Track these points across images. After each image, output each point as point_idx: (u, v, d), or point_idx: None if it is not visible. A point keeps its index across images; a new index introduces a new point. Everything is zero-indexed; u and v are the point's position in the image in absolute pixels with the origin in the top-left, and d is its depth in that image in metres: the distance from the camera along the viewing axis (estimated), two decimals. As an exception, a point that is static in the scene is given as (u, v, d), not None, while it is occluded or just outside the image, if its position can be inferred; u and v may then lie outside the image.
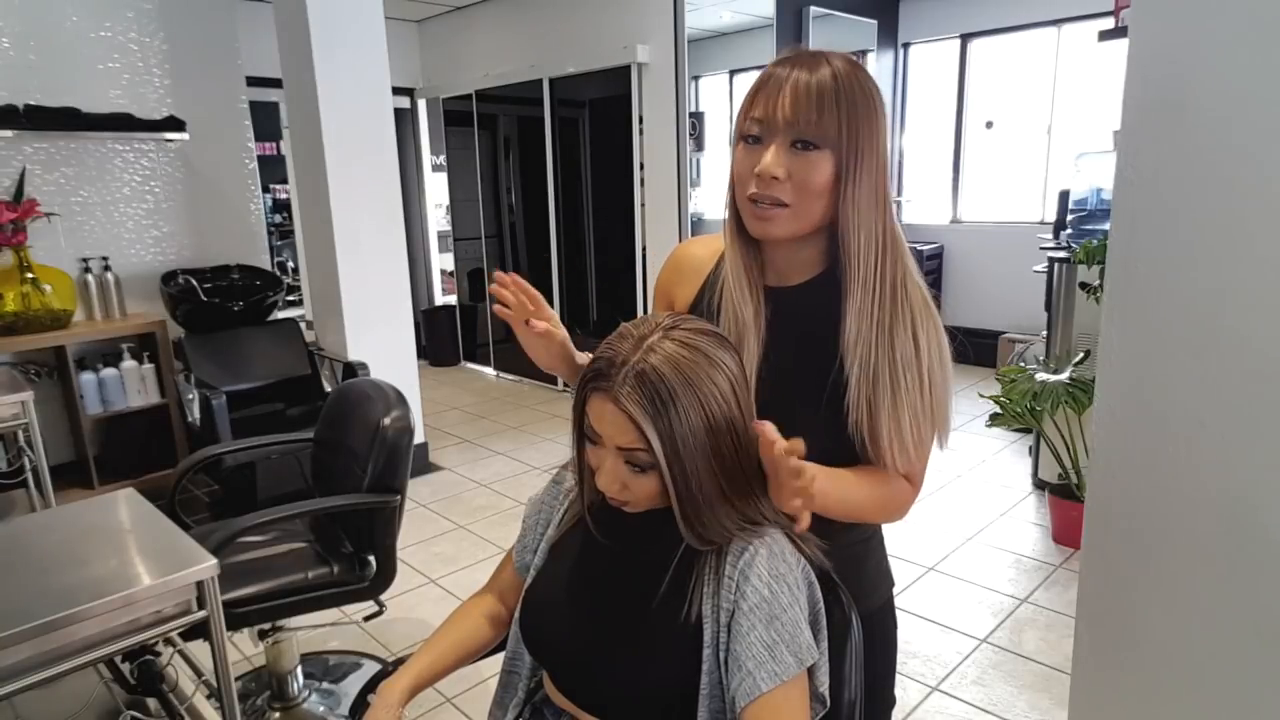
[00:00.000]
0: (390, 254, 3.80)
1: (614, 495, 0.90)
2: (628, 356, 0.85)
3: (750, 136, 0.93)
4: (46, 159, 3.43)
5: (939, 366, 0.96)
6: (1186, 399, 1.16)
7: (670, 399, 0.83)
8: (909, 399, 0.94)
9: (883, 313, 0.94)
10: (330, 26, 3.41)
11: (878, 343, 0.94)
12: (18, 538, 1.40)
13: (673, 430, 0.83)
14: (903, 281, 0.96)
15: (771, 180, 0.91)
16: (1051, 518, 3.16)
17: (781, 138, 0.90)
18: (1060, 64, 5.30)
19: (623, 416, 0.84)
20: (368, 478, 1.93)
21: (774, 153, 0.90)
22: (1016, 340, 5.05)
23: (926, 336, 0.96)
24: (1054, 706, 2.14)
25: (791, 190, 0.91)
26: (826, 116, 0.88)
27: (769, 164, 0.90)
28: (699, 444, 0.85)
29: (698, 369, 0.85)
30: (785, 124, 0.90)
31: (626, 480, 0.88)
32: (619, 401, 0.84)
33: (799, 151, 0.90)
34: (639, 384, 0.83)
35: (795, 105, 0.89)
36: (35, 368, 3.45)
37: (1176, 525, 1.20)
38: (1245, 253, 1.08)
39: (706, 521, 0.88)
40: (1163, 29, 1.11)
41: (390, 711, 0.99)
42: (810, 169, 0.90)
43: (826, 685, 0.92)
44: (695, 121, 4.86)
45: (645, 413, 0.83)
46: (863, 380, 0.94)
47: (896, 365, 0.94)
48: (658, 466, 0.85)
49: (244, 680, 2.35)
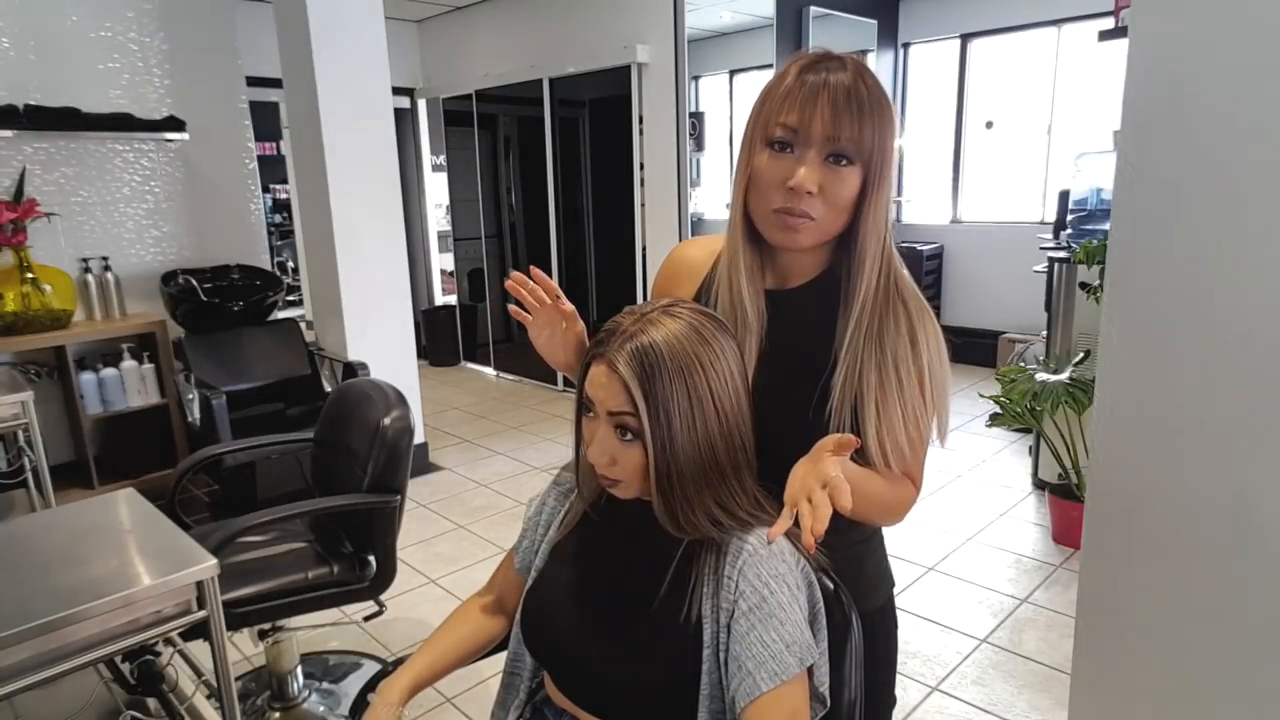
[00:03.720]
0: (390, 254, 3.80)
1: (603, 470, 0.91)
2: (629, 328, 0.88)
3: (779, 143, 0.89)
4: (46, 159, 3.43)
5: (939, 364, 0.96)
6: (1186, 399, 1.16)
7: (659, 367, 0.85)
8: (902, 397, 0.93)
9: (873, 316, 0.94)
10: (330, 26, 3.41)
11: (865, 347, 0.93)
12: (18, 538, 1.40)
13: (659, 397, 0.85)
14: (895, 280, 0.95)
15: (805, 194, 0.88)
16: (1051, 518, 3.16)
17: (817, 150, 0.88)
18: (1060, 64, 5.30)
19: (616, 380, 0.86)
20: (368, 478, 1.93)
21: (810, 166, 0.88)
22: (1016, 340, 5.05)
23: (924, 332, 0.95)
24: (1054, 706, 2.14)
25: (822, 204, 0.89)
26: (865, 130, 0.87)
27: (804, 178, 0.87)
28: (684, 419, 0.86)
29: (694, 347, 0.87)
30: (824, 137, 0.87)
31: (615, 453, 0.89)
32: (614, 365, 0.86)
33: (832, 165, 0.88)
34: (635, 351, 0.86)
35: (836, 119, 0.86)
36: (35, 368, 3.45)
37: (1176, 525, 1.20)
38: (1245, 253, 1.08)
39: (680, 503, 0.89)
40: (1163, 29, 1.11)
41: (390, 710, 0.99)
42: (842, 184, 0.89)
43: (827, 685, 0.92)
44: (695, 121, 4.86)
45: (635, 375, 0.85)
46: (847, 386, 0.93)
47: (887, 364, 0.93)
48: (643, 435, 0.86)
49: (244, 680, 2.35)
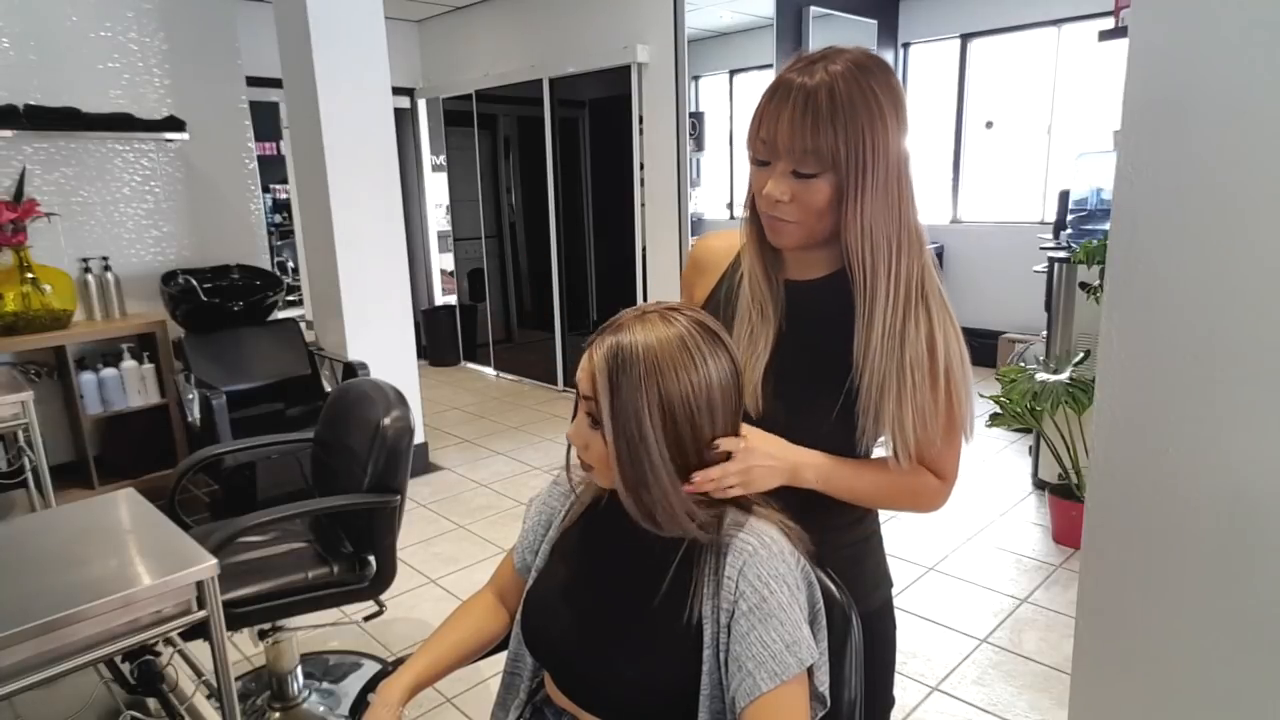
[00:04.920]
0: (390, 254, 3.80)
1: (581, 453, 0.95)
2: (623, 323, 0.90)
3: (757, 158, 0.95)
4: (46, 159, 3.43)
5: (958, 365, 0.97)
6: (1186, 399, 1.16)
7: (631, 365, 0.86)
8: (914, 397, 0.95)
9: (895, 316, 0.94)
10: (330, 26, 3.41)
11: (887, 348, 0.94)
12: (18, 538, 1.40)
13: (624, 392, 0.86)
14: (920, 280, 0.96)
15: (776, 203, 0.93)
16: (1051, 518, 3.16)
17: (783, 164, 0.92)
18: (1060, 64, 5.30)
19: (590, 368, 0.89)
20: (368, 478, 1.93)
21: (776, 179, 0.92)
22: (1016, 340, 5.05)
23: (944, 335, 0.96)
24: (1054, 706, 2.14)
25: (796, 210, 0.93)
26: (822, 142, 0.88)
27: (771, 190, 0.93)
28: (651, 419, 0.86)
29: (672, 353, 0.87)
30: (784, 151, 0.91)
31: (587, 438, 0.92)
32: (593, 353, 0.89)
33: (799, 179, 0.91)
34: (613, 345, 0.88)
35: (791, 135, 0.89)
36: (35, 368, 3.45)
37: (1176, 525, 1.20)
38: (1245, 253, 1.08)
39: (645, 498, 0.90)
40: (1163, 29, 1.11)
41: (390, 710, 0.99)
42: (811, 193, 0.91)
43: (827, 685, 0.92)
44: (695, 121, 4.86)
45: (606, 367, 0.87)
46: (872, 387, 0.96)
47: (905, 366, 0.94)
48: (602, 425, 0.88)
49: (244, 680, 2.35)
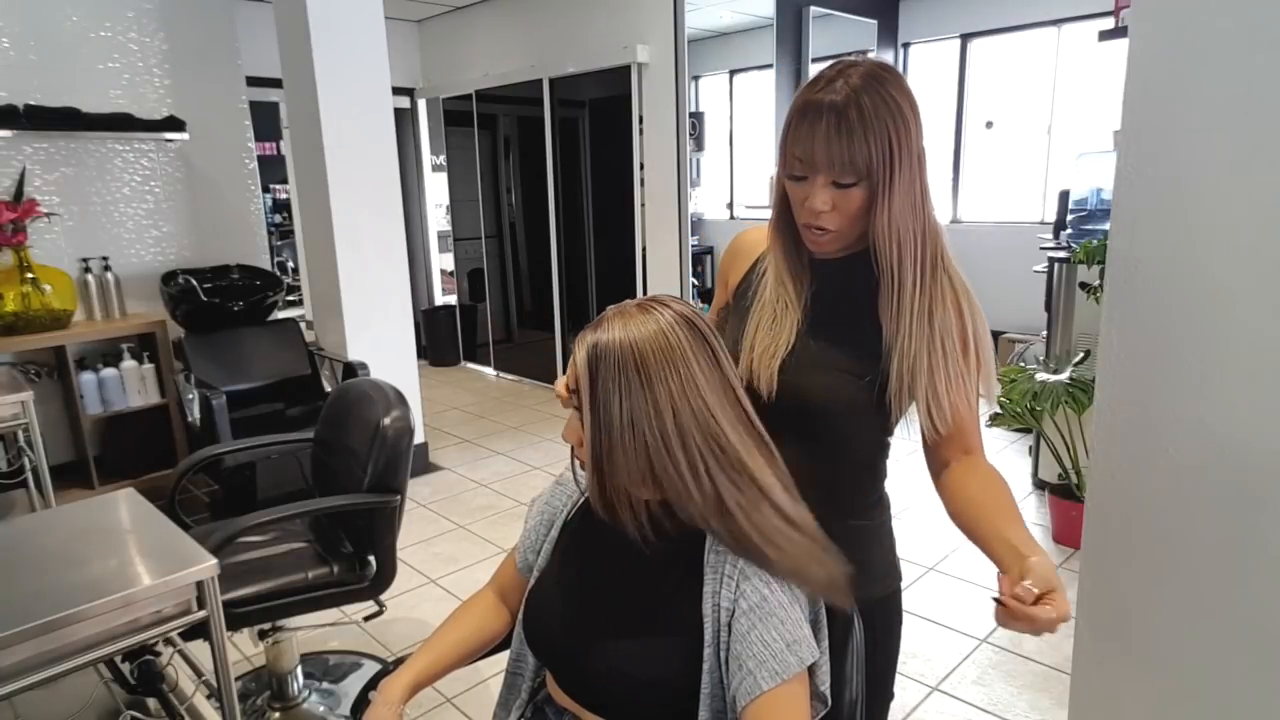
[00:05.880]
0: (390, 254, 3.80)
1: (575, 450, 0.97)
2: (608, 319, 0.91)
3: (794, 175, 0.99)
4: (46, 159, 3.43)
5: (983, 329, 1.04)
6: (1186, 399, 1.16)
7: (606, 360, 0.87)
8: (946, 365, 1.00)
9: (923, 299, 1.01)
10: (330, 26, 3.41)
11: (917, 330, 1.00)
12: (18, 538, 1.40)
13: (601, 386, 0.88)
14: (942, 264, 1.03)
15: (819, 213, 0.99)
16: (1051, 518, 3.16)
17: (823, 178, 0.97)
18: (1060, 64, 5.30)
19: (574, 361, 0.91)
20: (368, 478, 1.93)
21: (818, 190, 0.97)
22: (1016, 340, 5.05)
23: (969, 306, 1.03)
24: (1054, 706, 2.14)
25: (836, 218, 0.99)
26: (857, 153, 0.93)
27: (814, 202, 0.98)
28: (625, 414, 0.87)
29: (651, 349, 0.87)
30: (825, 165, 0.96)
31: (579, 434, 0.93)
32: (578, 347, 0.91)
33: (838, 189, 0.97)
34: (594, 341, 0.89)
35: (829, 150, 0.94)
36: (35, 368, 3.45)
37: (1176, 525, 1.20)
38: (1245, 253, 1.08)
39: (611, 490, 0.91)
40: (1163, 29, 1.11)
41: (391, 709, 0.99)
42: (849, 201, 0.98)
43: (827, 684, 0.92)
44: (695, 121, 4.87)
45: (586, 361, 0.89)
46: (903, 370, 1.00)
47: (935, 337, 1.00)
48: (582, 417, 0.90)
49: (244, 680, 2.34)
